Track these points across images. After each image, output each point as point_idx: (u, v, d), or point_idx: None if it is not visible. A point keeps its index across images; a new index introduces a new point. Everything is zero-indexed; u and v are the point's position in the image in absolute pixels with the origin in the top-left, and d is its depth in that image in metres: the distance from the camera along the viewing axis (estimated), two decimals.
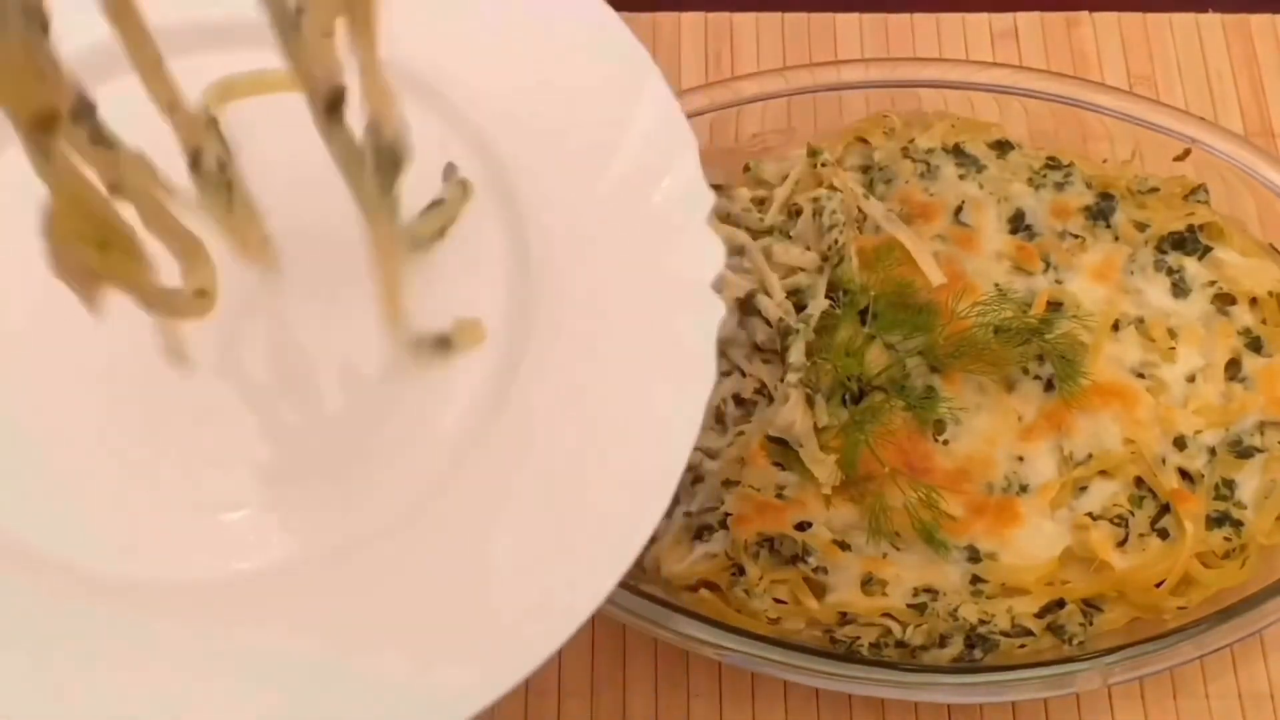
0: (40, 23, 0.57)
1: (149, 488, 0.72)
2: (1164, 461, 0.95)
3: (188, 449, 0.73)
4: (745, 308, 0.96)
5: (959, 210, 1.03)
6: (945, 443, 0.95)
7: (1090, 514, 0.93)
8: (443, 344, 0.73)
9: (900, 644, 0.90)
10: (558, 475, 0.70)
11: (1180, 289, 1.01)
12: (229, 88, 0.77)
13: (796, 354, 0.94)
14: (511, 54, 0.78)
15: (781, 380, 0.95)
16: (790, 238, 1.00)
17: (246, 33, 0.70)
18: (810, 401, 0.94)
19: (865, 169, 1.06)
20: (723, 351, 0.97)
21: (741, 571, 0.92)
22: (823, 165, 1.02)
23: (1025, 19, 1.22)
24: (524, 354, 0.73)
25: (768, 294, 0.97)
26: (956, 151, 1.06)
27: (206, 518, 0.71)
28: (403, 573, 0.68)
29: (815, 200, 1.00)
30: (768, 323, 0.97)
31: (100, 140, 0.63)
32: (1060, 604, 0.91)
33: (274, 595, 0.68)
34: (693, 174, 0.74)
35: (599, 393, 0.72)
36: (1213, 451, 0.96)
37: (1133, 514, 0.94)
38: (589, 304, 0.73)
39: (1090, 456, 0.94)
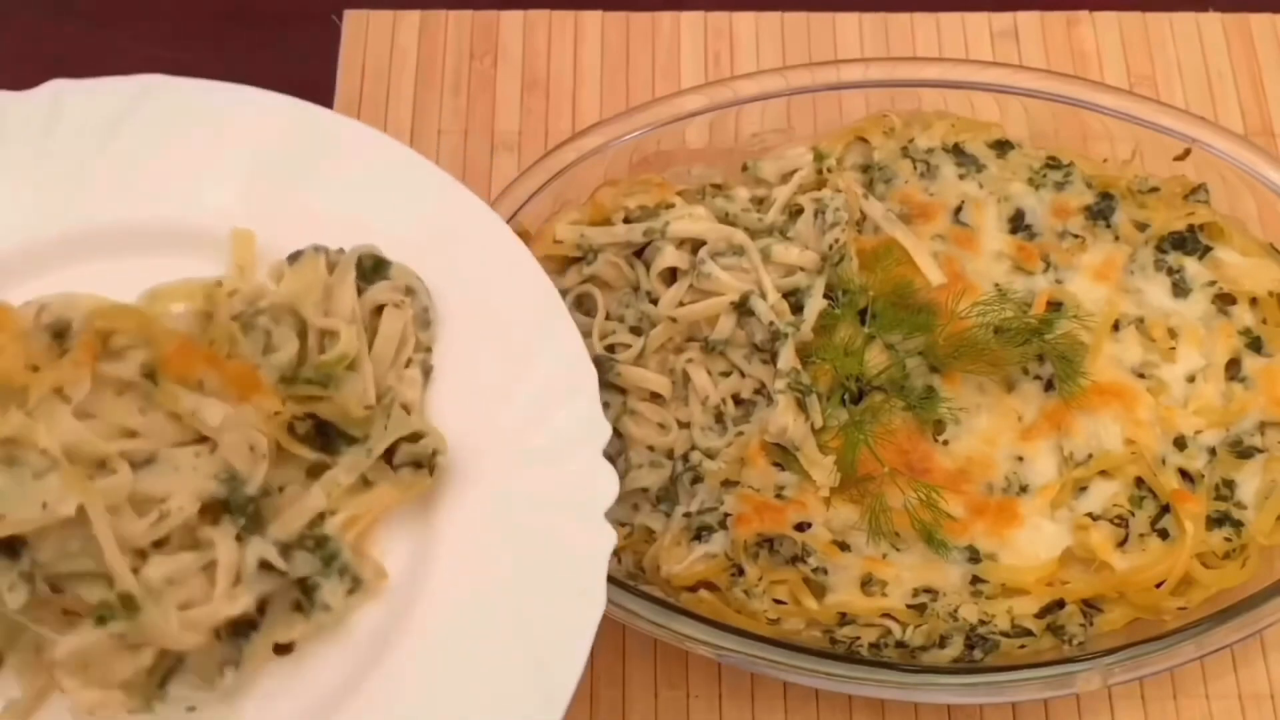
0: None
1: None
2: (1164, 462, 0.95)
3: None
4: (742, 309, 0.96)
5: (959, 210, 1.03)
6: (945, 443, 0.95)
7: (1090, 514, 0.93)
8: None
9: (900, 644, 0.90)
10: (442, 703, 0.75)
11: (1180, 289, 1.01)
12: (156, 294, 0.83)
13: (784, 359, 0.94)
14: (434, 278, 0.86)
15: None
16: (788, 238, 1.00)
17: (176, 239, 0.83)
18: (802, 405, 0.93)
19: (865, 169, 1.06)
20: (722, 352, 0.97)
21: (741, 572, 0.92)
22: (828, 170, 1.02)
23: (1025, 18, 1.22)
24: (424, 577, 0.79)
25: (764, 295, 0.96)
26: (956, 151, 1.06)
27: None
28: None
29: (818, 200, 1.00)
30: None
31: None
32: (1060, 604, 0.91)
33: None
34: (590, 408, 0.80)
35: (492, 615, 0.77)
36: (1213, 452, 0.95)
37: (1133, 514, 0.94)
38: (486, 530, 0.79)
39: (1090, 457, 0.94)
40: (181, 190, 0.87)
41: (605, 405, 0.81)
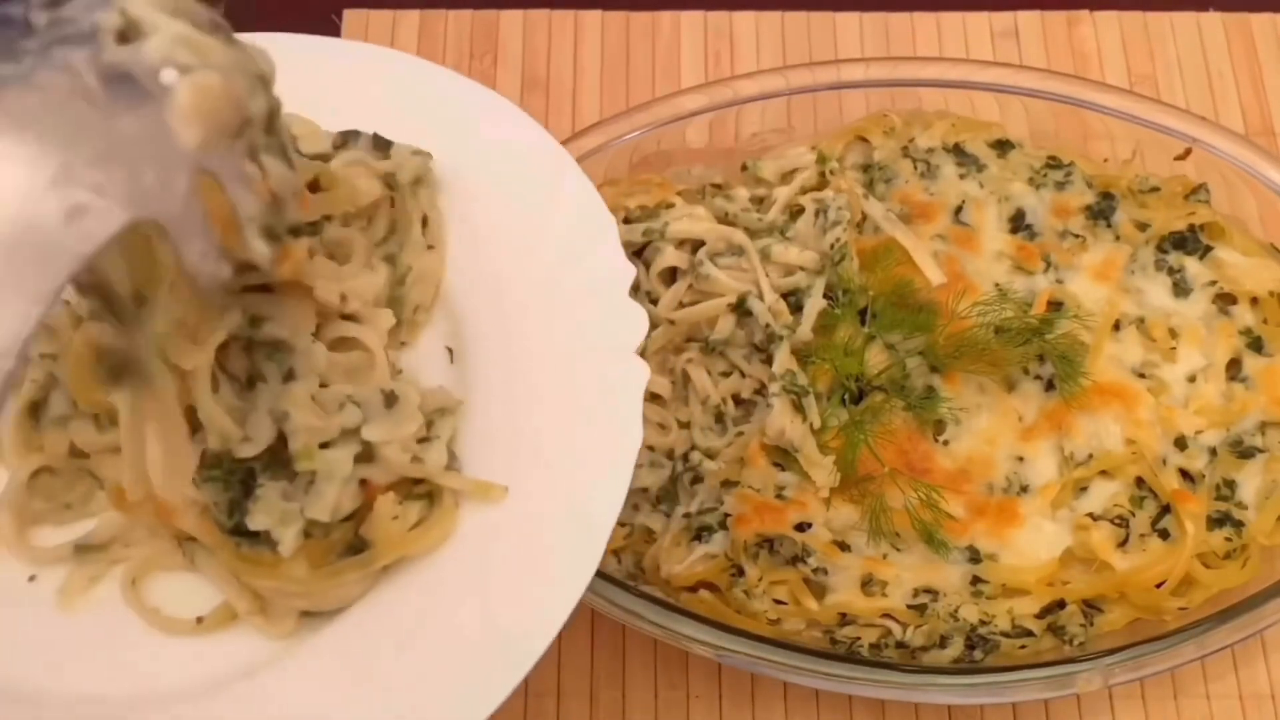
0: None
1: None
2: (1165, 462, 0.94)
3: None
4: (740, 309, 0.96)
5: (959, 210, 1.03)
6: (945, 443, 0.95)
7: (1091, 514, 0.93)
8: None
9: (901, 645, 0.90)
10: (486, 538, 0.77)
11: (1181, 289, 1.01)
12: None
13: (779, 361, 0.94)
14: (448, 161, 0.89)
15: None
16: (788, 238, 0.99)
17: None
18: (800, 407, 0.93)
19: (865, 168, 1.06)
20: (722, 352, 0.97)
21: (741, 572, 0.92)
22: (830, 173, 1.02)
23: (1026, 18, 1.22)
24: (462, 416, 0.81)
25: (761, 297, 0.96)
26: (957, 151, 1.06)
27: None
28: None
29: (819, 200, 1.00)
30: None
31: None
32: (1061, 605, 0.91)
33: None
34: (613, 251, 0.83)
35: (533, 449, 0.79)
36: (1214, 452, 0.95)
37: (1133, 514, 0.94)
38: (523, 371, 0.82)
39: (1091, 457, 0.94)
40: None
41: None
